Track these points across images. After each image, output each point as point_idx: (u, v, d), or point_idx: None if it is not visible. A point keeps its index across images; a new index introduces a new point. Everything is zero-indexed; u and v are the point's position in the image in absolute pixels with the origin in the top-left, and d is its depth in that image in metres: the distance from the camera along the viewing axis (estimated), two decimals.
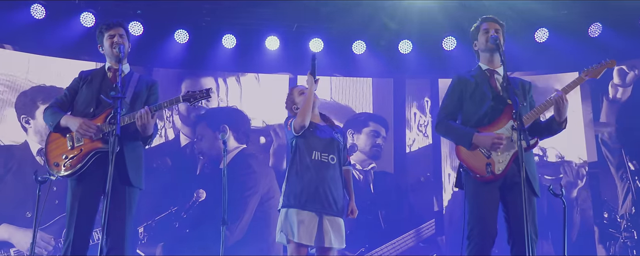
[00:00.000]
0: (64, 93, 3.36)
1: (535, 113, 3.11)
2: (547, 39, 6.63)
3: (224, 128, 6.94)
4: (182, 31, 6.85)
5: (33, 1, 6.22)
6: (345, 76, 7.30)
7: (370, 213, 6.83)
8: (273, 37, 6.98)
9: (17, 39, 6.47)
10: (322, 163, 3.55)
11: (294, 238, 3.40)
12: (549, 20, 6.59)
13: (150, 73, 6.98)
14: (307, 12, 6.73)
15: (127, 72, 3.37)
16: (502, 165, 3.02)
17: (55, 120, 3.19)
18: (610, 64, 3.14)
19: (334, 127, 3.80)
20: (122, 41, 3.30)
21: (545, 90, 6.52)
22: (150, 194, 6.70)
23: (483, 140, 3.04)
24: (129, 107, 3.21)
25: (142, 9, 6.73)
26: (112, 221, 3.05)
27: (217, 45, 7.01)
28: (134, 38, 6.76)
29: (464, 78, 3.27)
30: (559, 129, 3.17)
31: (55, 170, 3.15)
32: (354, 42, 7.04)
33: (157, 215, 6.62)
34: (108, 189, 2.70)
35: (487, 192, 3.04)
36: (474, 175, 3.07)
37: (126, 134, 3.12)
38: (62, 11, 6.42)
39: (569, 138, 6.58)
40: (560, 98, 3.04)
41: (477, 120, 3.16)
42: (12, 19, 6.29)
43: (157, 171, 6.71)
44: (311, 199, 3.46)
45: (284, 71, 7.24)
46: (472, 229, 3.02)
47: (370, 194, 6.98)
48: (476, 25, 3.33)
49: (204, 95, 3.21)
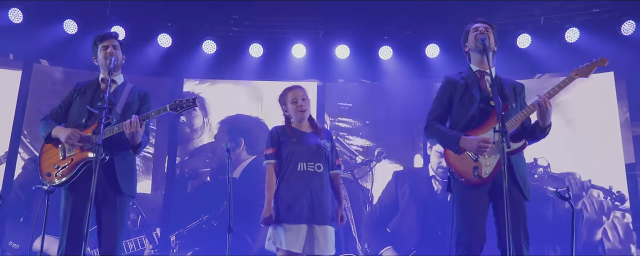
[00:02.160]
0: (58, 105, 3.45)
1: (519, 117, 3.00)
2: (578, 39, 6.48)
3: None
4: (210, 41, 6.97)
5: (67, 17, 6.44)
6: (373, 81, 7.28)
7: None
8: (299, 44, 7.03)
9: (52, 54, 6.70)
10: (308, 173, 3.54)
11: (282, 246, 3.43)
12: (579, 20, 6.46)
13: (180, 84, 7.12)
14: (333, 18, 6.76)
15: (120, 83, 3.45)
16: (489, 168, 2.95)
17: (47, 131, 3.29)
18: (600, 62, 3.03)
19: (320, 133, 3.74)
20: (115, 52, 3.37)
21: (578, 91, 6.40)
22: (182, 202, 6.85)
23: (469, 143, 2.98)
24: (120, 117, 3.27)
25: (171, 21, 6.88)
26: (103, 230, 3.14)
27: (245, 55, 7.10)
28: (163, 50, 6.94)
29: (454, 80, 3.21)
30: (542, 135, 3.03)
31: (47, 180, 3.23)
32: (380, 48, 7.02)
33: (189, 223, 6.71)
34: (91, 195, 2.72)
35: (476, 197, 2.97)
36: (461, 179, 3.00)
37: (117, 143, 3.21)
38: (94, 25, 6.60)
39: (603, 138, 6.42)
40: (542, 102, 2.93)
41: (465, 122, 3.09)
42: (47, 35, 6.52)
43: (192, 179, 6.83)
44: (299, 210, 3.46)
45: (312, 78, 7.27)
46: (461, 234, 2.96)
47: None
48: (467, 26, 3.27)
49: (190, 104, 3.24)
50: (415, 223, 6.80)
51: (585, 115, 6.56)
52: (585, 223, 6.34)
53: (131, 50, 6.88)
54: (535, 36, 6.63)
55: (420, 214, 6.82)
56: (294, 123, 3.75)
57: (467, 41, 3.24)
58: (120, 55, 3.44)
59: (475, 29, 3.18)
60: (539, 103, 2.93)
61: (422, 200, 6.90)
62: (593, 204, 6.38)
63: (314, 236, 3.46)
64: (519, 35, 6.63)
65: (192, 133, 7.15)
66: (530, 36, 6.61)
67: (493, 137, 2.88)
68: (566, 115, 6.55)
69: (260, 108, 7.21)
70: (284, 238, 3.43)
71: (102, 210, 3.18)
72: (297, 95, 3.74)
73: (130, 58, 6.86)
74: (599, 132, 6.50)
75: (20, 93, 6.57)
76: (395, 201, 6.93)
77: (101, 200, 3.17)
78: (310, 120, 3.78)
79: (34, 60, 6.70)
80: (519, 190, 2.97)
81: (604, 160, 6.41)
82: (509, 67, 6.69)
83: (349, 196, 6.93)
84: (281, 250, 3.45)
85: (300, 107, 3.69)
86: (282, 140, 3.66)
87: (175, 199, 6.90)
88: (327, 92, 7.26)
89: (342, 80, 7.32)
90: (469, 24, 3.26)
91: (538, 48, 6.66)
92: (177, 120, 7.08)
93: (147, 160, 6.96)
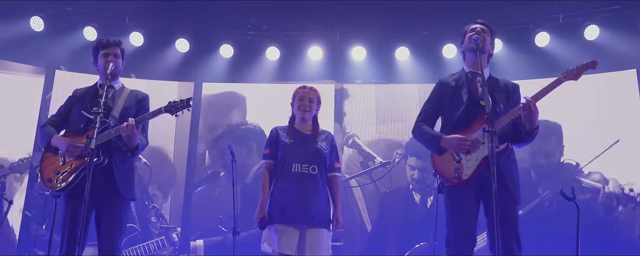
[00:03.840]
0: (58, 112, 3.52)
1: (505, 119, 2.95)
2: (598, 37, 6.37)
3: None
4: (227, 46, 7.03)
5: (86, 24, 6.59)
6: (390, 82, 7.26)
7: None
8: (316, 46, 7.05)
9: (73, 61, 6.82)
10: (302, 175, 3.53)
11: (275, 247, 3.45)
12: (599, 17, 6.37)
13: (199, 88, 7.20)
14: (349, 20, 6.77)
15: (118, 88, 3.50)
16: (470, 170, 2.91)
17: (46, 140, 3.36)
18: (590, 64, 2.93)
19: (319, 136, 3.71)
20: (115, 61, 3.42)
21: (605, 90, 6.31)
22: (202, 204, 6.91)
23: (449, 142, 2.96)
24: (118, 121, 3.30)
25: (188, 26, 6.96)
26: (102, 232, 3.19)
27: (262, 58, 7.15)
28: (181, 55, 7.03)
29: (446, 83, 3.19)
30: (529, 138, 2.97)
31: (49, 186, 3.28)
32: (397, 49, 7.01)
33: (208, 225, 6.77)
34: (85, 198, 2.75)
35: (462, 197, 2.94)
36: (445, 181, 2.99)
37: (115, 146, 3.26)
38: (113, 32, 6.69)
39: (625, 135, 6.31)
40: (527, 105, 2.86)
41: (453, 124, 3.06)
42: (67, 42, 6.65)
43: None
44: (292, 213, 3.46)
45: (328, 80, 7.28)
46: (449, 234, 2.95)
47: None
48: (466, 27, 3.23)
49: (184, 104, 3.28)
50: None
51: (607, 113, 6.44)
52: (620, 221, 6.22)
53: (149, 56, 7.05)
54: (554, 34, 6.55)
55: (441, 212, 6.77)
56: (296, 124, 3.74)
57: (464, 41, 3.22)
58: (121, 63, 3.49)
59: (472, 29, 3.14)
60: (524, 106, 2.87)
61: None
62: (625, 201, 6.25)
63: (306, 238, 3.46)
64: (538, 33, 6.56)
65: (211, 136, 7.22)
66: (549, 34, 6.54)
67: (483, 136, 2.85)
68: (588, 115, 6.46)
69: (273, 112, 7.23)
70: (277, 240, 3.45)
71: (100, 212, 3.23)
72: (306, 94, 3.75)
73: (148, 63, 7.06)
74: (634, 132, 6.35)
75: (43, 100, 6.71)
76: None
77: (100, 202, 3.21)
78: (314, 122, 3.77)
79: (56, 67, 6.83)
80: (507, 192, 2.91)
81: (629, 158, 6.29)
82: (527, 66, 6.63)
83: (364, 199, 6.92)
84: (275, 251, 3.47)
85: (303, 106, 3.70)
86: (280, 141, 3.66)
87: (195, 201, 6.97)
88: (344, 93, 7.26)
89: (359, 81, 7.32)
90: (467, 25, 3.23)
91: (557, 46, 6.58)
92: (197, 123, 7.15)
93: (167, 164, 7.05)
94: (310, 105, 3.71)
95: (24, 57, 6.67)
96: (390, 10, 6.51)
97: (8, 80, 6.60)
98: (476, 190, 2.96)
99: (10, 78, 6.62)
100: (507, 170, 2.97)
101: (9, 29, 6.42)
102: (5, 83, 6.57)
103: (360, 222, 6.85)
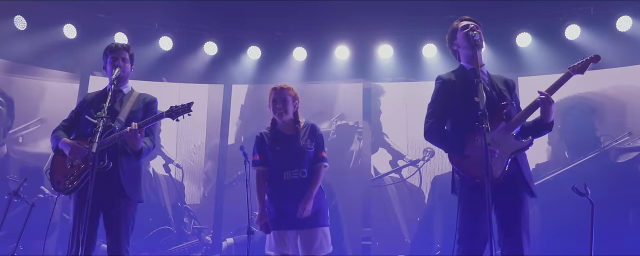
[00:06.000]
0: (69, 116, 3.61)
1: (522, 115, 2.96)
2: (631, 28, 6.22)
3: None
4: (254, 47, 7.11)
5: (116, 30, 6.74)
6: (417, 81, 7.23)
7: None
8: (343, 46, 7.07)
9: None
10: (293, 181, 3.54)
11: (273, 251, 3.52)
12: (631, 7, 6.21)
13: (229, 90, 7.31)
14: (374, 18, 6.76)
15: (127, 92, 3.57)
16: (499, 168, 2.88)
17: (55, 144, 3.45)
18: (593, 58, 2.96)
19: (302, 133, 3.64)
20: (123, 65, 3.48)
21: (630, 87, 6.16)
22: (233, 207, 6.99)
23: (477, 153, 2.85)
24: (124, 125, 3.37)
25: (216, 29, 7.07)
26: (110, 233, 3.27)
27: (289, 58, 7.21)
28: (210, 58, 7.14)
29: (449, 80, 3.13)
30: (546, 130, 3.04)
31: (57, 188, 3.38)
32: (423, 46, 6.97)
33: (238, 226, 6.86)
34: (88, 200, 2.79)
35: (481, 197, 2.84)
36: (473, 179, 2.91)
37: (122, 150, 3.34)
38: (143, 38, 6.85)
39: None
40: (545, 99, 2.89)
41: (468, 124, 2.94)
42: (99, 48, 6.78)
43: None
44: (288, 219, 3.50)
45: (356, 79, 7.28)
46: (464, 234, 2.92)
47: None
48: (454, 25, 3.19)
49: (185, 109, 3.32)
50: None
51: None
52: None
53: (179, 60, 7.17)
54: (585, 27, 6.42)
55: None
56: (278, 125, 3.70)
57: (456, 39, 3.18)
58: (128, 67, 3.55)
59: (465, 26, 3.11)
60: (541, 101, 2.91)
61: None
62: None
63: (305, 239, 3.51)
64: (568, 26, 6.44)
65: (244, 137, 7.30)
66: (580, 27, 6.41)
67: (503, 132, 2.92)
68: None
69: (301, 112, 7.26)
70: (276, 244, 3.52)
71: (108, 214, 3.32)
72: (278, 96, 3.67)
73: (178, 67, 7.17)
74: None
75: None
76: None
77: (108, 204, 3.30)
78: (294, 119, 3.69)
79: (90, 73, 7.01)
80: (527, 188, 2.92)
81: None
82: (557, 59, 6.50)
83: (399, 197, 6.91)
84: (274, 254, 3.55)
85: (277, 109, 3.64)
86: (267, 145, 3.64)
87: (227, 204, 7.05)
88: (371, 92, 7.26)
89: (387, 79, 7.30)
90: (455, 22, 3.20)
91: (588, 39, 6.43)
92: (227, 125, 7.24)
93: (197, 168, 7.16)
94: (284, 106, 3.63)
95: (59, 64, 6.86)
96: (414, 8, 6.48)
97: (45, 86, 6.80)
98: (493, 188, 2.89)
99: (48, 84, 6.82)
100: (525, 165, 3.00)
101: (43, 36, 6.60)
102: (42, 90, 6.77)
103: (395, 222, 6.84)
